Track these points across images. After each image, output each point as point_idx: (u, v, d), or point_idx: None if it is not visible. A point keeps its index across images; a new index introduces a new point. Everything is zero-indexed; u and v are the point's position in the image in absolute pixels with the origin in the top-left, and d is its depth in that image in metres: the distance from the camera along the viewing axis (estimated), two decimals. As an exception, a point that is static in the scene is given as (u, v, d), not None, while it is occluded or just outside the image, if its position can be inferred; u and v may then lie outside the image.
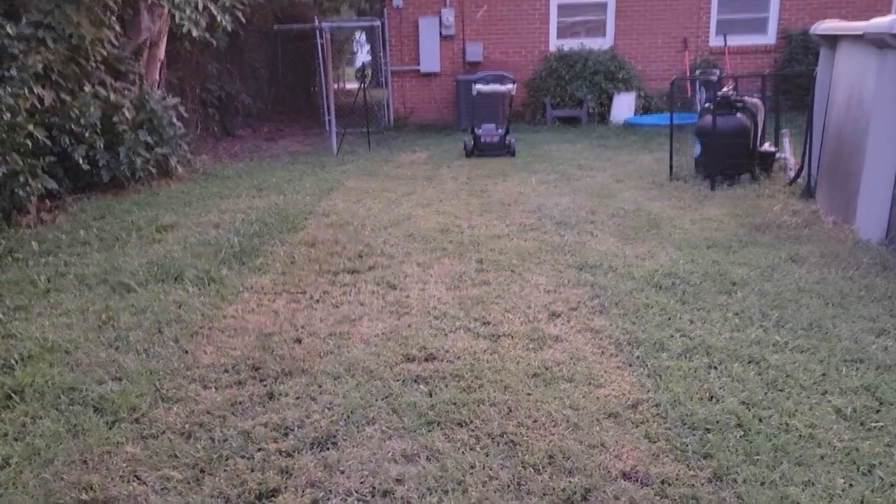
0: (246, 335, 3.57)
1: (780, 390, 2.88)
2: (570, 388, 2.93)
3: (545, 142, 11.55)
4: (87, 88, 7.02)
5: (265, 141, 13.04)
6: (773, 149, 7.96)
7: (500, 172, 8.70)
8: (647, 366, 3.11)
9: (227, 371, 3.17)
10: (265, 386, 3.03)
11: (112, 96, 7.29)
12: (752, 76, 11.59)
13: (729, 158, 7.43)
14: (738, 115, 7.64)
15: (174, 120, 8.04)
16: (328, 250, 5.09)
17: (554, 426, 2.66)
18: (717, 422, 2.64)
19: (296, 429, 2.69)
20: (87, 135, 6.85)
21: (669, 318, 3.66)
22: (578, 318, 3.70)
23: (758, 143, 7.77)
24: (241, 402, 2.89)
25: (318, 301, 4.06)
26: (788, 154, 8.09)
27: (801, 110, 12.21)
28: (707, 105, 8.10)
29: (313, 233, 5.60)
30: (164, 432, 2.68)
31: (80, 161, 6.79)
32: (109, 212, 6.33)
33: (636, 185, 7.67)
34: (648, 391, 2.89)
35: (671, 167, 8.00)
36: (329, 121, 11.35)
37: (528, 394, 2.89)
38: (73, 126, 6.73)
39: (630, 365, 3.14)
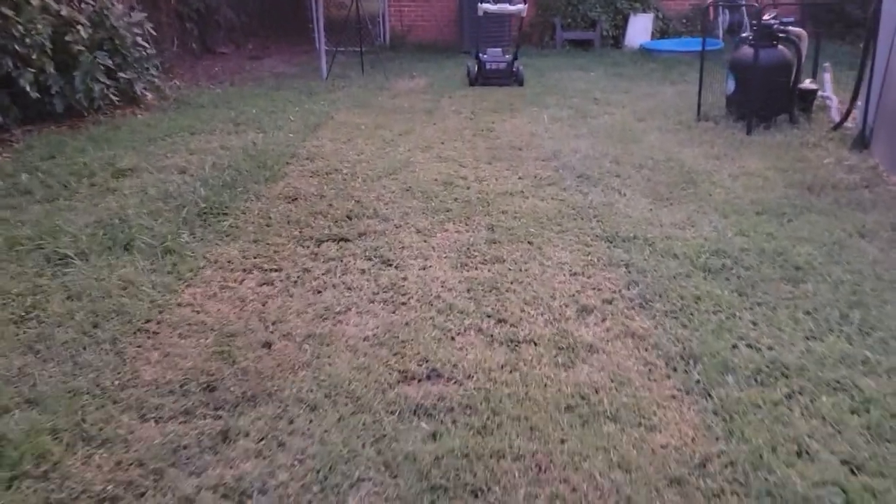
0: (202, 335, 2.86)
1: (889, 441, 2.22)
2: (615, 433, 2.25)
3: (556, 68, 10.57)
4: (34, 1, 6.03)
5: (249, 60, 11.98)
6: (814, 86, 7.10)
7: (507, 106, 7.82)
8: (710, 396, 2.43)
9: (173, 392, 2.48)
10: (220, 419, 2.34)
11: (64, 11, 6.31)
12: (789, 3, 10.50)
13: (767, 97, 6.58)
14: (780, 47, 6.74)
15: (139, 40, 7.06)
16: (311, 208, 4.32)
17: (601, 500, 1.99)
18: (819, 498, 1.98)
19: (255, 495, 2.01)
20: (34, 56, 5.92)
21: (728, 319, 2.96)
22: (615, 317, 2.99)
23: (799, 79, 6.90)
24: (186, 447, 2.21)
25: (295, 283, 3.33)
26: (831, 93, 7.23)
27: (834, 39, 11.22)
28: (745, 35, 7.18)
29: (295, 183, 4.81)
30: (77, 498, 2.00)
31: (28, 88, 5.90)
32: (60, 150, 5.50)
33: (660, 125, 6.84)
34: (718, 439, 2.22)
35: (699, 105, 7.15)
36: (318, 38, 10.29)
37: (562, 441, 2.22)
38: (17, 46, 5.79)
39: (688, 393, 2.46)
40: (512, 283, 3.32)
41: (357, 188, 4.71)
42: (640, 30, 12.33)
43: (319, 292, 3.24)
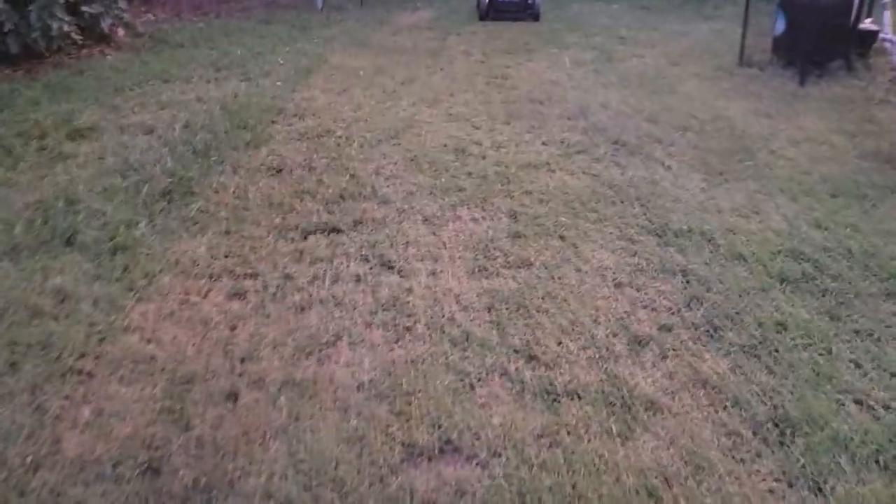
0: (150, 379, 2.22)
1: None
2: (701, 560, 1.63)
3: None
4: (-25, -77, 5.17)
5: (238, -13, 10.97)
6: (874, 27, 6.25)
7: (522, 46, 6.98)
8: (822, 493, 1.81)
9: (101, 479, 1.85)
10: (161, 526, 1.73)
11: (13, -66, 5.44)
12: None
13: (822, 40, 5.75)
14: (841, -19, 5.87)
15: (105, -33, 6.17)
16: (297, 185, 3.62)
17: None
18: None
19: None
20: (-21, -10, 5.11)
21: (823, 358, 2.31)
22: (678, 353, 2.35)
23: (859, 19, 6.05)
24: (110, 576, 1.60)
25: (273, 296, 2.67)
26: (892, 34, 6.37)
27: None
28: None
29: (280, 150, 4.09)
30: None
31: (-26, 26, 5.11)
32: (11, 102, 4.75)
33: (698, 71, 6.04)
34: (845, 574, 1.61)
35: (742, 48, 6.32)
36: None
37: (629, 574, 1.61)
38: (-44, -22, 4.97)
39: (791, 485, 1.83)
40: (543, 298, 2.66)
41: (353, 157, 3.99)
42: (666, -45, 11.23)
43: (303, 310, 2.59)
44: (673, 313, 2.58)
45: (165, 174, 3.63)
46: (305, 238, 3.11)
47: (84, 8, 5.93)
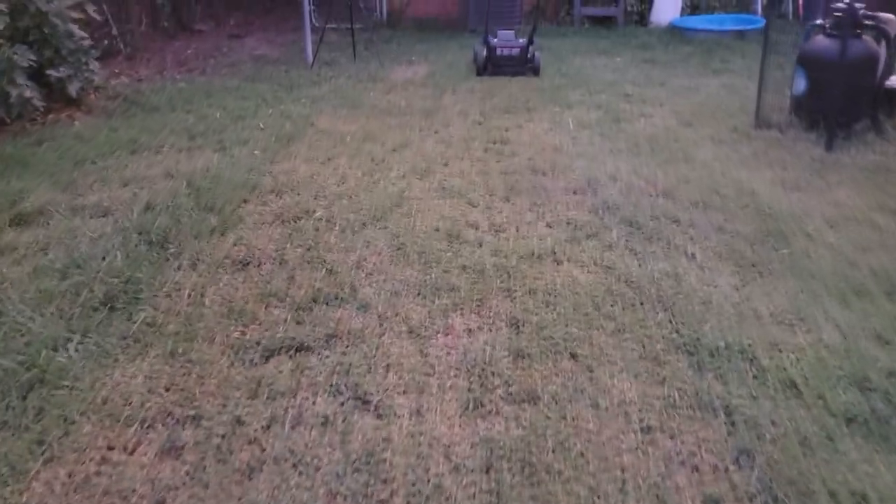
0: None
1: None
2: None
3: (575, 51, 9.25)
4: (-70, -16, 4.78)
5: (229, 39, 10.65)
6: (901, 84, 5.81)
7: (523, 103, 6.55)
8: None
9: None
10: None
11: (-28, -5, 5.06)
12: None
13: (848, 100, 5.31)
14: (865, 37, 5.46)
15: (76, 28, 5.76)
16: (264, 284, 3.12)
17: None
18: None
19: None
20: (-70, 55, 4.69)
21: (921, 550, 1.78)
22: (733, 544, 1.81)
23: (886, 76, 5.62)
24: None
25: (217, 451, 2.14)
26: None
27: None
28: (819, 23, 5.86)
29: (249, 236, 3.59)
30: None
31: (-75, 95, 4.68)
32: (-43, 180, 4.28)
33: (713, 134, 5.59)
34: None
35: (758, 108, 5.88)
36: (305, 17, 8.93)
37: None
38: None
39: None
40: (554, 450, 2.13)
41: (332, 245, 3.49)
42: (668, 5, 10.94)
43: (250, 476, 2.05)
44: (717, 472, 2.04)
45: (111, 273, 3.12)
46: (267, 360, 2.59)
47: (50, 72, 5.51)
